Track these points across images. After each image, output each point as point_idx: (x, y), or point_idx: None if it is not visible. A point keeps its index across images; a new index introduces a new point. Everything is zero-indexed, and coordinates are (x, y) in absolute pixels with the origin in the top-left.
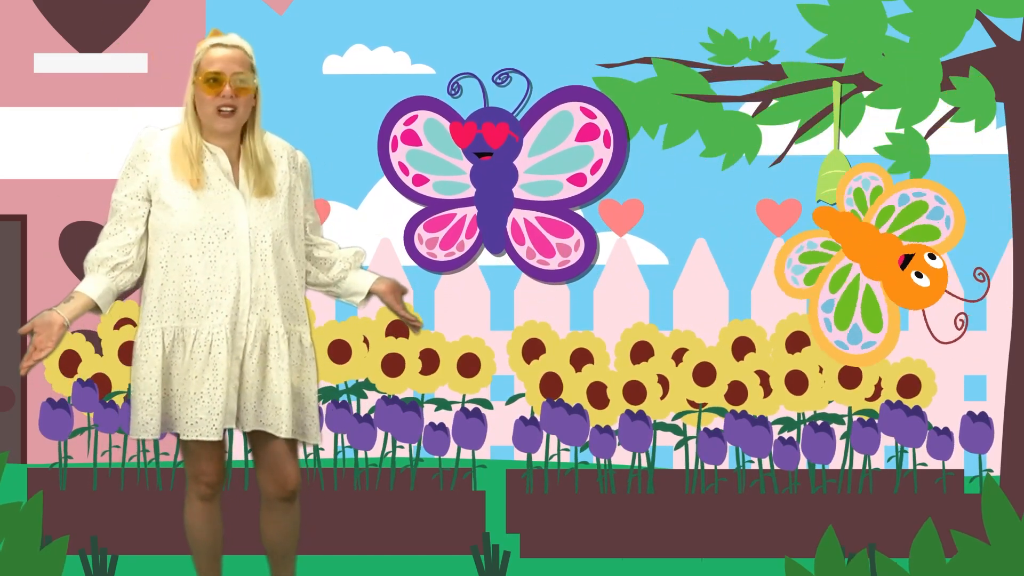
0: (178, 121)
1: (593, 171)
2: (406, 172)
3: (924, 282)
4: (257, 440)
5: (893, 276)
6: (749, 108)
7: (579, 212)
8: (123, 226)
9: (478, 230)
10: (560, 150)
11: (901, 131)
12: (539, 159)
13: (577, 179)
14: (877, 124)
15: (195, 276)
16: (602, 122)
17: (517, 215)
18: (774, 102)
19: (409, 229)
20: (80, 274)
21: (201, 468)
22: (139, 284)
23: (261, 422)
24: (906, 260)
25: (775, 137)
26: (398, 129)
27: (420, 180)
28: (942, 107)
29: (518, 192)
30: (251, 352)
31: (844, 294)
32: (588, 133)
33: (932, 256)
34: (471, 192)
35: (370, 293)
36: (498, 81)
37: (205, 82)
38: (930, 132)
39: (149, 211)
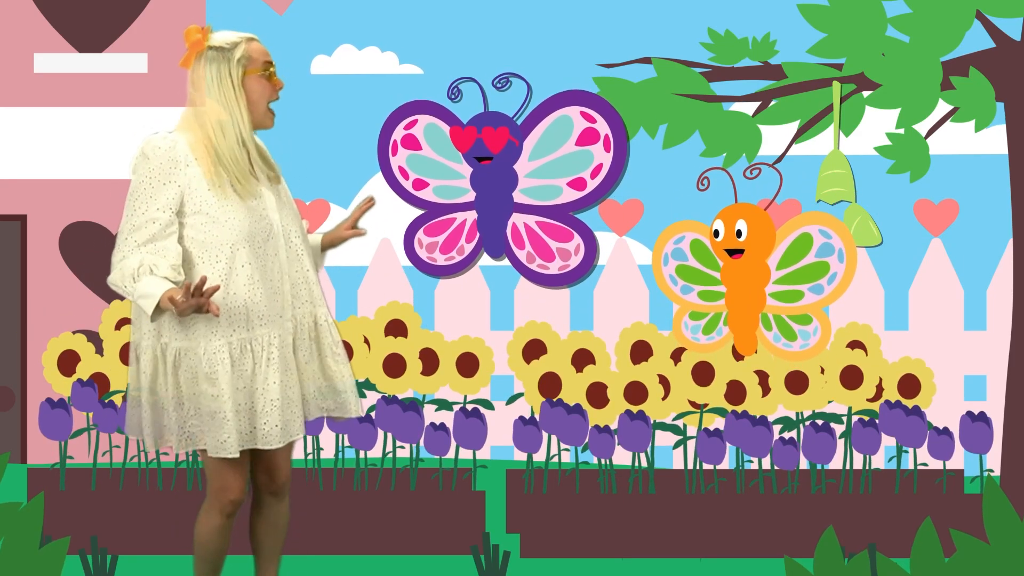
0: (177, 124)
1: (593, 175)
2: (406, 176)
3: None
4: None
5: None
6: (749, 108)
7: (579, 216)
8: (158, 243)
9: (478, 234)
10: (560, 154)
11: (901, 131)
12: (539, 163)
13: (577, 183)
14: (877, 124)
15: (255, 284)
16: (602, 126)
17: (517, 219)
18: (774, 102)
19: (409, 233)
20: (80, 275)
21: (227, 483)
22: None
23: (322, 407)
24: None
25: (775, 137)
26: (398, 133)
27: (420, 184)
28: (942, 107)
29: (518, 196)
30: (299, 346)
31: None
32: (588, 137)
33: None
34: (471, 196)
35: (326, 248)
36: (498, 85)
37: (270, 74)
38: (930, 132)
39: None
